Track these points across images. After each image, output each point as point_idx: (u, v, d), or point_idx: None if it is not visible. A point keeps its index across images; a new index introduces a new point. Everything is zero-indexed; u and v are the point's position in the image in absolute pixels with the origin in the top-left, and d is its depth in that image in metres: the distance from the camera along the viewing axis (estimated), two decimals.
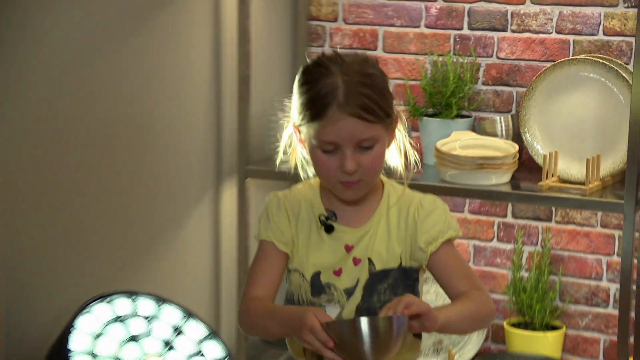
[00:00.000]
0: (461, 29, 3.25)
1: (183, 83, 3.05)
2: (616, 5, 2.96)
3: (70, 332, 1.87)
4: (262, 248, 1.50)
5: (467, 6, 3.21)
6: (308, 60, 1.48)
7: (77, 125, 2.54)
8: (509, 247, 3.30)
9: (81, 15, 2.53)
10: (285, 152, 1.57)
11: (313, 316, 1.25)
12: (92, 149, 2.55)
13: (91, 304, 1.91)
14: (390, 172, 1.59)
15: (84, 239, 2.47)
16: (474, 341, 3.21)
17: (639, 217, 2.75)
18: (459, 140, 2.90)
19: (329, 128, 1.36)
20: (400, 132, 1.52)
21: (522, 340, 3.08)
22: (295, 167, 1.57)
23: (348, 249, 1.47)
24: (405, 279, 1.47)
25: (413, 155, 1.57)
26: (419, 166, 1.95)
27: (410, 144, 1.56)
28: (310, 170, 1.56)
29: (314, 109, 1.37)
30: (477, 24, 3.24)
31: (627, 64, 2.86)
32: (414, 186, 2.99)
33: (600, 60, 2.84)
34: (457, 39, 3.29)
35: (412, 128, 3.23)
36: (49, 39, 2.43)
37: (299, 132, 1.48)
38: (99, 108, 2.58)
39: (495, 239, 3.34)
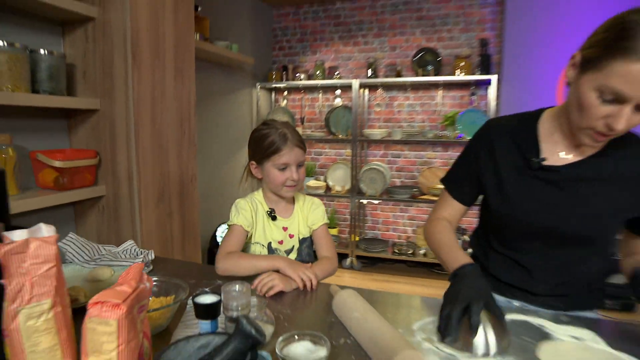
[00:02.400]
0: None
1: (235, 124, 3.10)
2: None
3: None
4: (233, 229, 1.18)
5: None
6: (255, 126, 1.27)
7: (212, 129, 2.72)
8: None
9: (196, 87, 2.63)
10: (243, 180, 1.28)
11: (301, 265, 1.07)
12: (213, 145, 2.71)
13: None
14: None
15: None
16: None
17: (353, 200, 3.21)
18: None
19: (285, 156, 1.14)
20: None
21: None
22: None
23: (285, 229, 1.23)
24: (310, 242, 1.26)
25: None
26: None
27: None
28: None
29: (276, 146, 1.14)
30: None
31: None
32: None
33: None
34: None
35: None
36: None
37: (255, 165, 1.21)
38: (206, 125, 2.71)
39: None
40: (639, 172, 0.82)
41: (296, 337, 0.68)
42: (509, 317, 0.81)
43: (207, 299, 0.66)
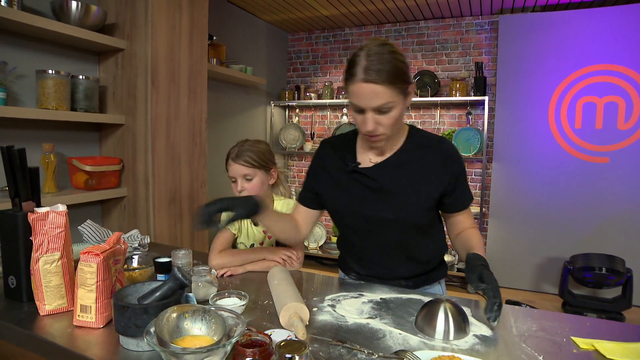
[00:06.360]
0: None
1: (250, 138, 2.90)
2: None
3: None
4: (223, 232, 1.27)
5: None
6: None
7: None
8: None
9: (224, 102, 2.79)
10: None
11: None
12: None
13: None
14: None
15: None
16: None
17: None
18: None
19: (230, 170, 1.22)
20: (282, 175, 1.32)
21: None
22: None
23: (265, 232, 1.31)
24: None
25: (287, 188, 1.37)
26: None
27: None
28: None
29: (226, 162, 1.23)
30: None
31: None
32: None
33: None
34: None
35: None
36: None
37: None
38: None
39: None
40: (430, 161, 0.98)
41: (226, 294, 0.91)
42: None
43: (163, 259, 0.95)
